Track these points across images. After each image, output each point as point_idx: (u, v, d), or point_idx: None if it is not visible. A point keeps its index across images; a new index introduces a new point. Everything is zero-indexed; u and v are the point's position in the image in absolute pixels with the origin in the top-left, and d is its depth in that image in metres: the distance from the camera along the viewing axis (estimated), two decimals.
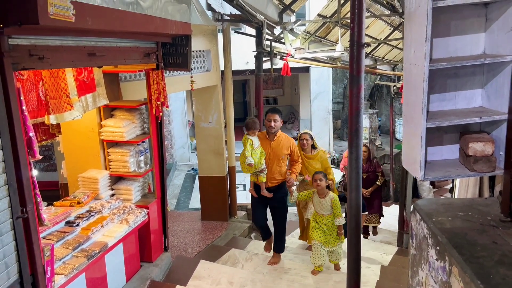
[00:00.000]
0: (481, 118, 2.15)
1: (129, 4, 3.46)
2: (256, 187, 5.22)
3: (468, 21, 2.29)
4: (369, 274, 5.28)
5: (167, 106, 4.61)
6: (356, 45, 2.46)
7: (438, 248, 2.02)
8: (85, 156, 4.53)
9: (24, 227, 2.71)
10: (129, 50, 3.96)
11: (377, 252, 6.36)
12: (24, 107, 2.81)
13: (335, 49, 7.20)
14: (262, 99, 7.02)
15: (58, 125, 4.30)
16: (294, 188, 5.20)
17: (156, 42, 4.45)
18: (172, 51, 4.67)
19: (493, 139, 2.19)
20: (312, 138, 5.87)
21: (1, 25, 2.45)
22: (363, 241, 5.10)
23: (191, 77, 4.90)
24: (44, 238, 3.49)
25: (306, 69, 13.96)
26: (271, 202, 5.26)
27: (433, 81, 2.35)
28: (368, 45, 6.72)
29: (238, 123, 7.91)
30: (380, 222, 7.32)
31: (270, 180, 5.13)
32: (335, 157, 14.41)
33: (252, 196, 5.37)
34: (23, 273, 2.72)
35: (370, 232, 7.44)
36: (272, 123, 4.97)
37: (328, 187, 5.08)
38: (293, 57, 7.29)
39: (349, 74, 2.62)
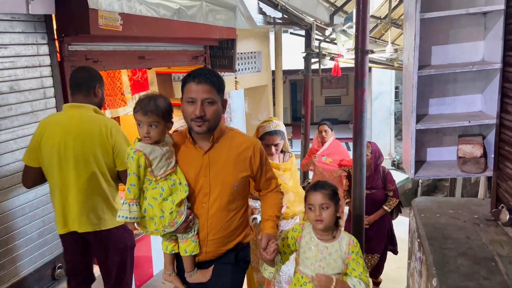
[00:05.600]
0: (469, 122, 2.27)
1: (174, 12, 3.88)
2: (179, 263, 2.24)
3: (466, 30, 2.41)
4: None
5: None
6: (360, 52, 2.66)
7: (419, 240, 2.19)
8: None
9: None
10: (177, 53, 4.41)
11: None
12: None
13: (385, 50, 7.22)
14: (310, 99, 7.21)
15: (118, 119, 4.87)
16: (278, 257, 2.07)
17: (204, 46, 4.87)
18: (219, 53, 5.08)
19: (482, 142, 2.30)
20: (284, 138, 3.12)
21: (63, 35, 3.00)
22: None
23: (235, 77, 5.26)
24: None
25: (368, 69, 13.84)
26: None
27: (431, 86, 2.50)
28: (372, 52, 6.76)
29: (299, 122, 8.07)
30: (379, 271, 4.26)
31: (209, 246, 2.10)
32: (395, 159, 14.01)
33: None
34: None
35: None
36: (198, 110, 1.88)
37: (337, 220, 2.03)
38: (343, 57, 7.41)
39: (354, 78, 2.81)
